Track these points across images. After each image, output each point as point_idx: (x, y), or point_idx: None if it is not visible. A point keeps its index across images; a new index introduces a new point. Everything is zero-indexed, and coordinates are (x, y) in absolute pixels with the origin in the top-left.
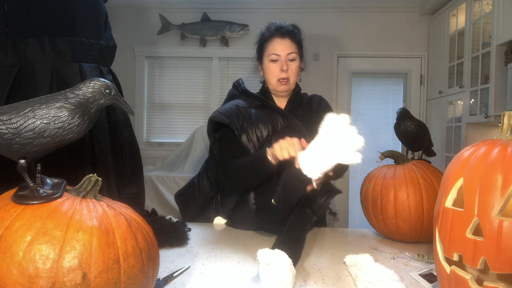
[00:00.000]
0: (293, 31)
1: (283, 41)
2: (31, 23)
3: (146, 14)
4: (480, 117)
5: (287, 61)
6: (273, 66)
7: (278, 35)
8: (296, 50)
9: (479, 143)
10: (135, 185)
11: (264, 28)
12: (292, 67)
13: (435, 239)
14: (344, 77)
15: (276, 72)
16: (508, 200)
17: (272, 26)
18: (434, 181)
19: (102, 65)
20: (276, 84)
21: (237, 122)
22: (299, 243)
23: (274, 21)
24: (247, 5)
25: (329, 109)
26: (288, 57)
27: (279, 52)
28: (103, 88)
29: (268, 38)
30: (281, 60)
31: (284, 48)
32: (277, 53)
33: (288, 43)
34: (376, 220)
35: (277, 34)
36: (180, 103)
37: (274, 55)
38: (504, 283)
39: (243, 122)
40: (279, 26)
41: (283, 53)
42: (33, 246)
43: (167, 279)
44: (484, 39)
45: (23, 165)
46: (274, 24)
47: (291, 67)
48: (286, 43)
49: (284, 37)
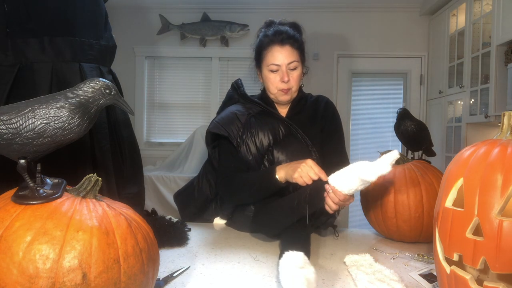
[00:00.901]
0: (294, 36)
1: (282, 49)
2: (31, 23)
3: (146, 14)
4: (480, 117)
5: (288, 70)
6: (273, 76)
7: (277, 43)
8: (297, 58)
9: (479, 143)
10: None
11: (261, 32)
12: (294, 76)
13: (435, 239)
14: (344, 77)
15: (276, 83)
16: (508, 200)
17: (270, 30)
18: (434, 181)
19: (102, 65)
20: (277, 94)
21: (236, 133)
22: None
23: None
24: (247, 5)
25: (335, 113)
26: (289, 67)
27: (279, 62)
28: (103, 88)
29: (267, 45)
30: (282, 70)
31: (285, 57)
32: (277, 63)
33: (288, 51)
34: (376, 220)
35: (276, 41)
36: (180, 103)
37: (273, 65)
38: (504, 283)
39: (243, 134)
40: (277, 31)
41: (284, 63)
42: (33, 246)
43: (167, 279)
44: (484, 39)
45: (23, 165)
46: (272, 26)
47: (293, 76)
48: (286, 51)
49: (284, 44)
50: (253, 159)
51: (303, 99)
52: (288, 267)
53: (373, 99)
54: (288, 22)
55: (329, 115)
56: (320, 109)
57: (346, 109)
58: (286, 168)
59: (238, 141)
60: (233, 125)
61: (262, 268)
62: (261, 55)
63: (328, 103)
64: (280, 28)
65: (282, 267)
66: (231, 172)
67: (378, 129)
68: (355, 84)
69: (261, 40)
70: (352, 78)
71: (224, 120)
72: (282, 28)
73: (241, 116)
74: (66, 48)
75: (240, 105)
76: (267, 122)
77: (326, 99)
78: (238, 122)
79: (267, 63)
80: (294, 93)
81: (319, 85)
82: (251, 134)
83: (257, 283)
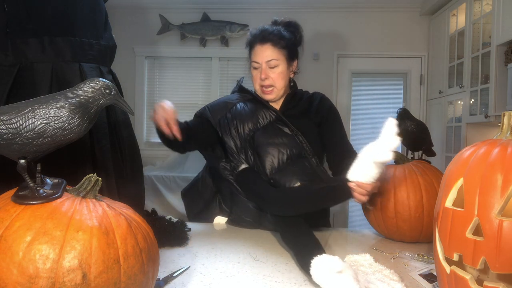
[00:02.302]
0: (277, 35)
1: (262, 47)
2: (31, 23)
3: (146, 14)
4: (480, 117)
5: (267, 68)
6: (255, 73)
7: (258, 41)
8: (277, 56)
9: (479, 143)
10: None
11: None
12: (274, 74)
13: (435, 239)
14: (344, 77)
15: (257, 80)
16: (508, 200)
17: (256, 29)
18: (434, 181)
19: (102, 65)
20: (260, 91)
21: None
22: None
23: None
24: (247, 5)
25: (331, 107)
26: (269, 64)
27: (259, 60)
28: (103, 88)
29: (251, 43)
30: (261, 68)
31: (264, 55)
32: (257, 60)
33: (268, 49)
34: (376, 220)
35: (257, 40)
36: (180, 103)
37: (254, 62)
38: (504, 283)
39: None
40: (261, 30)
41: (263, 61)
42: (33, 246)
43: (167, 279)
44: (484, 39)
45: (23, 165)
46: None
47: (273, 74)
48: (266, 50)
49: (264, 43)
50: (234, 143)
51: (298, 95)
52: (326, 272)
53: (373, 99)
54: (285, 21)
55: (325, 109)
56: (315, 104)
57: (346, 109)
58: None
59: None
60: (220, 111)
61: (262, 268)
62: (249, 53)
63: (323, 98)
64: (266, 27)
65: (318, 274)
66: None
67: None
68: (355, 84)
69: (247, 38)
70: (352, 78)
71: (213, 105)
72: (268, 27)
73: (230, 103)
74: (66, 48)
75: (236, 94)
76: (254, 109)
77: (321, 95)
78: (225, 109)
79: (250, 60)
80: (279, 91)
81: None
82: (234, 117)
83: (257, 283)
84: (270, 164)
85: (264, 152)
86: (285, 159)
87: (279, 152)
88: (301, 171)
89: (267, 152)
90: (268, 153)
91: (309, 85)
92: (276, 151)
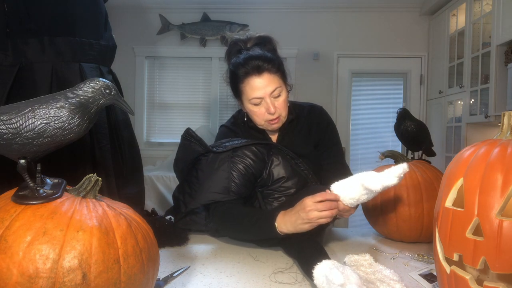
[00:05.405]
0: (268, 59)
1: (261, 79)
2: (31, 23)
3: (146, 14)
4: (480, 117)
5: (272, 99)
6: (258, 109)
7: (254, 73)
8: (279, 82)
9: (479, 143)
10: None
11: (232, 59)
12: (280, 103)
13: (435, 239)
14: (344, 77)
15: (262, 115)
16: (508, 200)
17: (240, 58)
18: (434, 181)
19: (102, 65)
20: (266, 125)
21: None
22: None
23: (237, 36)
24: (247, 5)
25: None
26: (273, 95)
27: (260, 94)
28: (103, 88)
29: (243, 78)
30: (266, 101)
31: (266, 87)
32: (258, 96)
33: (268, 79)
34: (376, 220)
35: (251, 72)
36: (180, 103)
37: (255, 99)
38: (504, 283)
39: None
40: (249, 58)
41: (266, 94)
42: (33, 246)
43: (167, 279)
44: (484, 39)
45: (23, 165)
46: (241, 52)
47: (278, 103)
48: (266, 80)
49: (261, 72)
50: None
51: (295, 120)
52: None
53: (373, 99)
54: (255, 37)
55: (323, 127)
56: (314, 123)
57: (346, 109)
58: (288, 221)
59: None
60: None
61: (262, 268)
62: (238, 89)
63: (322, 114)
64: (251, 53)
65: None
66: (231, 200)
67: (378, 129)
68: (355, 84)
69: (233, 72)
70: (352, 78)
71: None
72: (253, 53)
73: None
74: (66, 48)
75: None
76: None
77: (319, 109)
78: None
79: (248, 97)
80: (284, 118)
81: (319, 85)
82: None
83: (257, 283)
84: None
85: (272, 201)
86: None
87: (286, 198)
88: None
89: (275, 201)
90: (276, 200)
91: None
92: (283, 196)
